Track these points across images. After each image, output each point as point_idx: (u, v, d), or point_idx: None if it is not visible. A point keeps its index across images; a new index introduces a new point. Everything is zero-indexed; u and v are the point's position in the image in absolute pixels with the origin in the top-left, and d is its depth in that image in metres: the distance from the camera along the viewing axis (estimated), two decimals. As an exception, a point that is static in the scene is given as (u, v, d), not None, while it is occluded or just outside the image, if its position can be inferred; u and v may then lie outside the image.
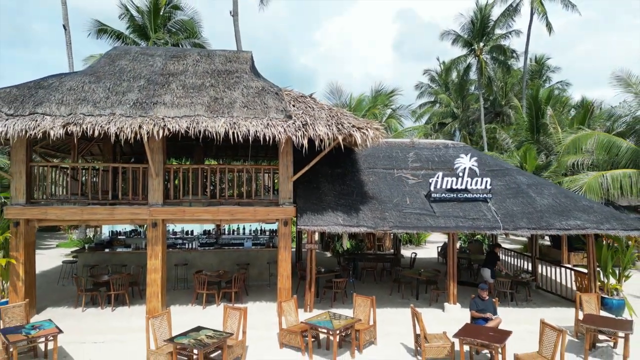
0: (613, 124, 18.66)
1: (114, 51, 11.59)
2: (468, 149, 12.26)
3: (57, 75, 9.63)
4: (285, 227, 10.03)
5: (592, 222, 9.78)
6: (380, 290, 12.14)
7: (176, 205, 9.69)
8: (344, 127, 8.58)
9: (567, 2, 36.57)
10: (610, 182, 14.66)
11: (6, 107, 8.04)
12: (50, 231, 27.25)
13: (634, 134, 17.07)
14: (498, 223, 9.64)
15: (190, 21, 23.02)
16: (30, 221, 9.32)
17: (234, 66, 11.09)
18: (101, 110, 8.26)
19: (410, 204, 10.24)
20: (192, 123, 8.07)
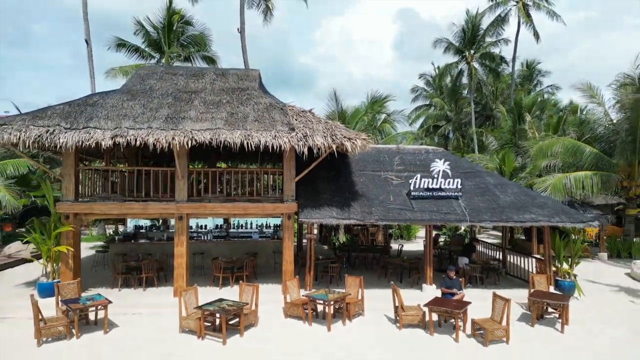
0: (582, 130, 20.40)
1: (142, 71, 13.33)
2: (443, 154, 13.97)
3: (99, 93, 11.34)
4: (289, 220, 11.75)
5: (544, 216, 11.52)
6: (370, 275, 13.84)
7: (198, 202, 11.42)
8: (337, 138, 10.31)
9: (552, 13, 38.36)
10: (573, 182, 16.40)
11: (63, 122, 9.74)
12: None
13: (599, 139, 18.78)
14: (466, 217, 11.37)
15: (201, 35, 24.75)
16: (78, 215, 11.05)
17: (245, 84, 12.83)
18: (140, 124, 9.98)
19: (394, 201, 11.97)
20: (214, 135, 9.79)
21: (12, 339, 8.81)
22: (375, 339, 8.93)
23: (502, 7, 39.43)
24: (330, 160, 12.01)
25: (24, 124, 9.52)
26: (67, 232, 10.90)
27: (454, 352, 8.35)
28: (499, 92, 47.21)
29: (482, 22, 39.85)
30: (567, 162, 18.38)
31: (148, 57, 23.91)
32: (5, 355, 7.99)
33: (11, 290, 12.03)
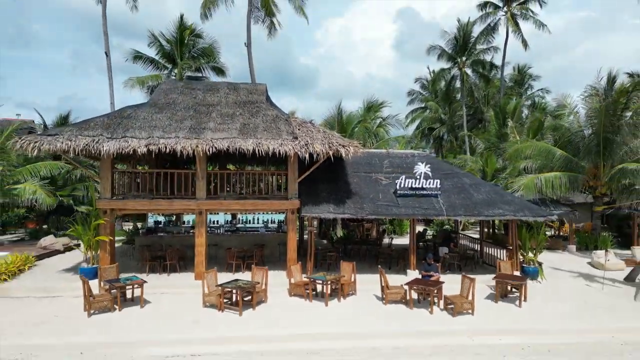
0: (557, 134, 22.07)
1: (164, 85, 15.05)
2: (426, 158, 15.68)
3: (131, 106, 13.05)
4: (293, 215, 13.48)
5: (510, 211, 13.25)
6: (363, 263, 15.54)
7: (215, 199, 13.15)
8: (333, 145, 12.03)
9: (539, 23, 40.07)
10: (544, 182, 18.09)
11: (105, 132, 11.45)
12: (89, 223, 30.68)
13: (570, 143, 20.40)
14: (443, 211, 13.10)
15: (210, 47, 26.44)
16: (113, 210, 12.77)
17: (254, 97, 14.55)
18: (168, 134, 11.69)
19: (382, 198, 13.70)
20: (231, 143, 11.50)
21: (65, 312, 10.52)
22: (365, 312, 10.65)
23: (492, 17, 41.16)
24: (328, 163, 13.72)
25: (73, 134, 11.23)
26: (104, 224, 12.63)
27: (428, 321, 10.07)
28: (490, 96, 48.81)
29: (474, 31, 41.47)
30: (541, 164, 20.07)
31: (162, 68, 25.65)
32: (63, 324, 9.70)
33: (54, 275, 13.75)
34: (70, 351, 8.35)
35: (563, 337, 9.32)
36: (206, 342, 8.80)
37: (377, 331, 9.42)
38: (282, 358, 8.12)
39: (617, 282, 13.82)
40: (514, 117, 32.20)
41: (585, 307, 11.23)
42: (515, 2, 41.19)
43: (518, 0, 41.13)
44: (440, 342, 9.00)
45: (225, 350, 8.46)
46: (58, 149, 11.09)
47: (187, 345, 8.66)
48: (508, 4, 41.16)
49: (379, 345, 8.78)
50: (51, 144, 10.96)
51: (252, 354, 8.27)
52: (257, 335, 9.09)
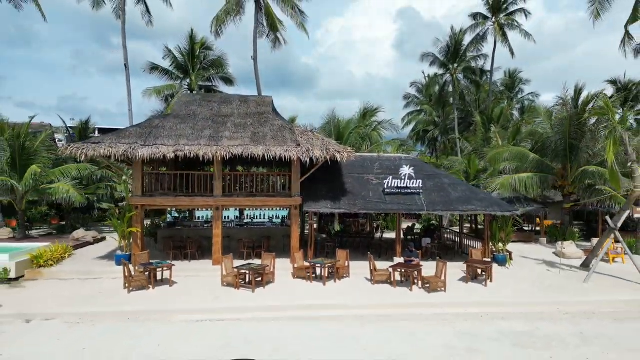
0: (532, 139, 23.97)
1: (184, 98, 16.95)
2: (411, 161, 17.53)
3: (158, 117, 14.98)
4: (296, 210, 15.38)
5: (482, 207, 15.16)
6: (357, 253, 17.39)
7: (229, 197, 15.05)
8: (330, 151, 13.94)
9: (525, 33, 41.85)
10: (517, 182, 19.98)
11: (140, 140, 13.35)
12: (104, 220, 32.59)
13: (542, 148, 22.27)
14: (424, 207, 15.01)
15: (219, 59, 28.35)
16: (143, 206, 14.68)
17: (262, 109, 16.45)
18: (192, 141, 13.59)
19: (372, 196, 15.60)
20: (245, 150, 13.40)
21: (108, 289, 12.42)
22: (356, 289, 12.54)
23: (481, 27, 42.97)
24: (326, 166, 15.61)
25: (113, 142, 13.14)
26: (136, 217, 14.54)
27: (408, 296, 11.96)
28: (481, 100, 50.62)
29: (465, 39, 43.32)
30: (517, 166, 21.95)
31: (176, 78, 27.54)
32: (109, 298, 11.59)
33: (91, 261, 15.66)
34: (119, 317, 10.25)
35: (516, 308, 11.21)
36: (227, 311, 10.70)
37: (364, 303, 11.33)
38: (288, 322, 9.99)
39: (574, 268, 15.71)
40: (499, 122, 34.14)
41: (541, 287, 13.12)
42: (503, 14, 42.87)
43: (505, 12, 42.83)
44: (416, 312, 10.90)
45: (243, 317, 10.35)
46: (101, 154, 12.99)
47: (212, 313, 10.56)
48: (496, 15, 42.87)
49: (366, 314, 10.67)
50: (95, 150, 12.86)
51: (264, 320, 10.15)
52: (267, 305, 11.00)
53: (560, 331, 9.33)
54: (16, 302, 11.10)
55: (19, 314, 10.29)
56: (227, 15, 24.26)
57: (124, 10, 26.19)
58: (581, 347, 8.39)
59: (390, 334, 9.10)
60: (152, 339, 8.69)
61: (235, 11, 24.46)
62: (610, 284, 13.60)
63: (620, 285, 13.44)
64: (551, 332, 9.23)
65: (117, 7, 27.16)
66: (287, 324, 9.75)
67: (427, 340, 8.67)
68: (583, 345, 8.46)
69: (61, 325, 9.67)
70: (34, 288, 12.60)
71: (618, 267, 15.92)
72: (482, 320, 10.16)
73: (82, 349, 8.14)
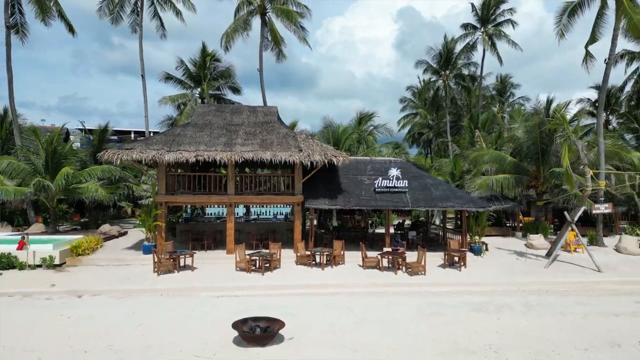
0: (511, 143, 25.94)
1: (200, 109, 18.95)
2: (399, 164, 19.47)
3: (180, 126, 16.95)
4: (298, 207, 17.37)
5: (459, 204, 17.17)
6: (352, 244, 19.36)
7: (240, 195, 17.06)
8: (328, 155, 15.94)
9: (511, 42, 43.71)
10: (495, 182, 21.99)
11: (165, 147, 15.35)
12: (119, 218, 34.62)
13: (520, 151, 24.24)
14: (409, 204, 17.03)
15: (228, 70, 30.39)
16: (167, 203, 16.68)
17: (268, 118, 18.46)
18: (209, 147, 15.59)
19: (364, 194, 17.61)
20: (255, 155, 15.40)
21: (140, 273, 14.40)
22: (349, 273, 14.54)
23: (471, 36, 44.89)
24: (324, 168, 17.61)
25: (143, 148, 15.15)
26: (160, 213, 16.55)
27: (392, 278, 13.96)
28: (472, 105, 52.47)
29: (456, 47, 45.29)
30: (496, 168, 23.94)
31: (188, 88, 29.55)
32: (142, 279, 13.58)
33: (120, 251, 17.65)
34: (153, 293, 12.25)
35: (481, 287, 13.20)
36: (242, 288, 12.70)
37: (356, 283, 13.35)
38: (293, 296, 11.96)
39: (540, 257, 17.71)
40: (485, 126, 36.12)
41: (507, 272, 15.11)
42: (491, 24, 44.74)
43: (493, 23, 44.69)
44: (398, 289, 12.90)
45: (256, 293, 12.35)
46: (133, 159, 15.00)
47: (230, 290, 12.56)
48: (484, 25, 44.76)
49: (357, 291, 12.67)
50: (128, 155, 14.87)
51: (273, 295, 12.13)
52: (275, 285, 13.00)
53: (511, 302, 11.34)
54: (66, 282, 13.11)
55: (71, 291, 12.30)
56: (236, 32, 26.33)
57: (141, 25, 28.18)
58: (524, 312, 10.41)
59: (375, 303, 11.12)
60: (185, 307, 10.70)
61: (243, 28, 26.53)
62: (566, 269, 15.62)
63: (574, 270, 15.46)
64: (504, 303, 11.25)
65: (133, 21, 29.19)
66: (291, 297, 11.74)
67: (403, 308, 10.68)
68: (526, 311, 10.47)
69: (108, 299, 11.67)
70: (77, 272, 14.61)
71: (578, 256, 17.93)
72: (450, 295, 12.18)
73: (132, 313, 10.15)
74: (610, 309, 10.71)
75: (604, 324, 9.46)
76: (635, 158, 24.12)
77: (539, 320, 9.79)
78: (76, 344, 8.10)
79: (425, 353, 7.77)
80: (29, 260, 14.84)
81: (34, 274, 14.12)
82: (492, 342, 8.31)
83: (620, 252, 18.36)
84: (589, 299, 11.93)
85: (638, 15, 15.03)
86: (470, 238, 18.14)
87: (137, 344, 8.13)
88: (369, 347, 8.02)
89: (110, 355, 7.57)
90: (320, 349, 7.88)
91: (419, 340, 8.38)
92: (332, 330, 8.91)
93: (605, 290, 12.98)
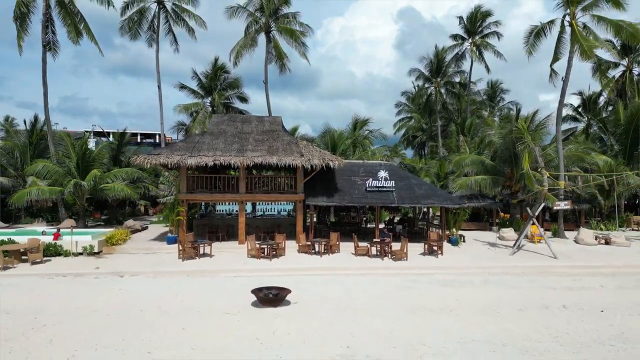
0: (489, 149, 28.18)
1: (215, 119, 21.18)
2: (387, 167, 21.67)
3: (198, 134, 19.19)
4: (300, 204, 19.61)
5: (438, 201, 19.41)
6: (347, 237, 21.55)
7: (250, 193, 19.29)
8: (325, 160, 18.18)
9: (497, 53, 45.84)
10: (474, 183, 24.23)
11: (187, 152, 17.57)
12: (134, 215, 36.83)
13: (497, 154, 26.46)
14: (395, 201, 19.27)
15: (236, 81, 32.69)
16: (187, 200, 18.91)
17: (274, 127, 20.70)
18: (225, 153, 17.81)
19: (357, 193, 19.85)
20: (263, 159, 17.62)
21: (167, 259, 16.61)
22: (343, 259, 16.76)
23: (460, 47, 47.10)
24: (323, 171, 19.83)
25: (169, 154, 17.38)
26: (181, 209, 18.77)
27: (379, 263, 16.19)
28: (462, 110, 54.65)
29: (447, 57, 47.51)
30: (476, 169, 26.17)
31: (200, 97, 31.81)
32: (170, 264, 15.80)
33: (147, 242, 19.87)
34: (181, 274, 14.46)
35: (452, 270, 15.40)
36: (253, 271, 14.92)
37: (348, 267, 15.57)
38: (296, 276, 14.20)
39: (509, 247, 19.91)
40: (470, 131, 38.38)
41: (477, 258, 17.34)
42: (478, 36, 46.90)
43: (480, 34, 46.83)
44: (383, 272, 15.11)
45: (265, 274, 14.54)
46: (160, 163, 17.23)
47: (244, 272, 14.78)
48: (472, 37, 46.96)
49: (349, 273, 14.89)
50: (156, 160, 17.11)
51: (280, 275, 14.32)
52: (281, 268, 15.22)
53: (473, 280, 13.58)
54: (107, 266, 15.34)
55: (113, 272, 14.53)
56: (244, 49, 28.58)
57: (157, 41, 30.44)
58: (481, 286, 12.65)
59: (363, 280, 13.35)
60: (210, 284, 12.93)
61: (250, 44, 28.79)
62: (528, 256, 17.84)
63: (535, 257, 17.70)
64: (467, 280, 13.49)
65: (150, 37, 31.44)
66: (294, 277, 13.92)
67: (385, 283, 12.92)
68: (483, 286, 12.71)
69: (145, 278, 13.89)
70: (114, 258, 16.83)
71: (541, 246, 20.07)
72: (425, 275, 14.40)
73: (169, 287, 12.38)
74: (551, 285, 12.95)
75: (541, 294, 11.70)
76: (601, 161, 26.43)
77: (492, 292, 12.03)
78: (132, 305, 10.34)
79: (398, 311, 10.01)
80: (72, 249, 17.06)
81: (78, 260, 16.35)
82: (450, 305, 10.54)
83: (578, 242, 20.61)
84: (538, 278, 14.18)
85: (587, 42, 17.27)
86: (449, 231, 20.38)
87: (179, 306, 10.36)
88: (355, 307, 10.25)
89: (161, 313, 9.79)
90: (317, 309, 10.11)
91: (395, 304, 10.62)
92: (327, 298, 11.15)
93: (555, 273, 15.21)
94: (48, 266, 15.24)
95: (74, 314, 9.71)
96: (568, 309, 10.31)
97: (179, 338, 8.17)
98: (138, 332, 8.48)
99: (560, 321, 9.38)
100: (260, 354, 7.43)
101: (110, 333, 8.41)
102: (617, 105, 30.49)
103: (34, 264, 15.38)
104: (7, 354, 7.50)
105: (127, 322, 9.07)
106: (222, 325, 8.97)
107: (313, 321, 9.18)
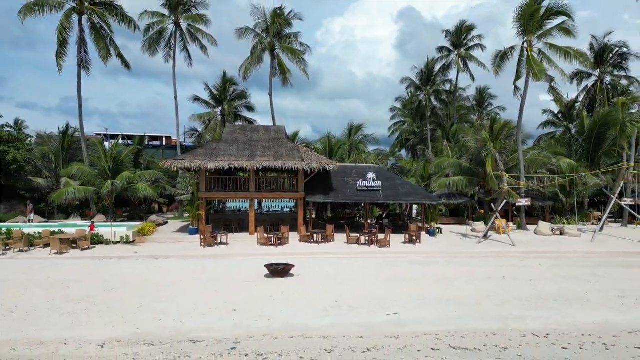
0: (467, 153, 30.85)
1: (228, 128, 23.88)
2: (375, 169, 24.38)
3: (215, 141, 21.88)
4: (301, 201, 22.33)
5: (418, 198, 22.13)
6: (341, 230, 24.31)
7: (258, 192, 22.00)
8: (322, 163, 20.88)
9: (481, 64, 48.39)
10: (452, 182, 26.91)
11: (207, 158, 20.28)
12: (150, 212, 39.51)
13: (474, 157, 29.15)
14: (381, 198, 21.99)
15: (243, 92, 35.45)
16: (207, 198, 21.63)
17: (278, 135, 23.40)
18: (238, 158, 20.51)
19: (349, 191, 22.56)
20: (270, 163, 20.31)
21: (190, 247, 19.31)
22: (337, 246, 19.44)
23: (446, 58, 49.75)
24: (320, 173, 22.56)
25: (192, 159, 20.09)
26: (202, 205, 21.49)
27: (366, 249, 18.87)
28: (451, 116, 57.21)
29: (436, 67, 50.17)
30: (455, 171, 28.84)
31: (212, 107, 34.55)
32: (194, 250, 18.48)
33: (171, 233, 22.57)
34: (204, 257, 17.16)
35: (426, 254, 18.07)
36: (263, 254, 17.61)
37: (341, 252, 18.28)
38: (298, 259, 16.88)
39: (478, 237, 22.65)
40: (455, 137, 41.09)
41: (448, 246, 20.04)
42: (463, 48, 49.55)
43: (465, 47, 49.46)
44: (370, 255, 17.80)
45: (273, 257, 17.26)
46: (184, 167, 19.94)
47: (255, 255, 17.46)
48: (457, 49, 49.60)
49: (341, 256, 17.56)
50: (181, 164, 19.82)
51: (284, 258, 17.06)
52: (285, 252, 17.91)
53: (440, 261, 16.30)
54: (143, 251, 18.05)
55: (150, 256, 17.23)
56: (252, 65, 31.33)
57: (174, 57, 33.17)
58: (444, 265, 15.36)
59: (352, 262, 16.05)
60: (229, 263, 15.63)
61: (257, 62, 31.54)
62: (492, 245, 20.56)
63: (497, 245, 20.41)
64: (434, 261, 16.20)
65: (166, 54, 34.16)
66: (297, 259, 16.63)
67: (368, 263, 15.62)
68: (446, 265, 15.43)
69: (177, 260, 16.60)
70: (147, 246, 19.53)
71: (505, 237, 22.81)
72: (402, 258, 17.11)
73: (197, 265, 15.10)
74: (501, 264, 15.66)
75: (489, 270, 14.42)
76: (564, 164, 29.12)
77: (452, 269, 14.75)
78: (172, 277, 13.05)
79: (376, 280, 12.71)
80: (112, 238, 19.77)
81: (118, 247, 19.05)
82: (416, 277, 13.25)
83: (537, 234, 23.33)
84: (494, 259, 16.89)
85: (538, 67, 19.97)
86: (427, 224, 23.11)
87: (208, 277, 13.07)
88: (344, 279, 12.95)
89: (197, 283, 12.47)
90: (315, 279, 12.82)
91: (374, 277, 13.33)
92: (322, 273, 13.85)
93: (509, 256, 17.90)
94: (94, 252, 17.93)
95: (130, 282, 12.41)
96: (506, 280, 13.03)
97: (214, 297, 10.88)
98: (181, 293, 11.18)
99: (496, 287, 12.08)
100: (274, 305, 10.13)
101: (162, 294, 11.10)
102: (581, 114, 33.16)
103: (84, 250, 18.09)
104: (92, 305, 10.20)
105: (173, 287, 11.78)
106: (244, 289, 11.68)
107: (311, 287, 11.90)
